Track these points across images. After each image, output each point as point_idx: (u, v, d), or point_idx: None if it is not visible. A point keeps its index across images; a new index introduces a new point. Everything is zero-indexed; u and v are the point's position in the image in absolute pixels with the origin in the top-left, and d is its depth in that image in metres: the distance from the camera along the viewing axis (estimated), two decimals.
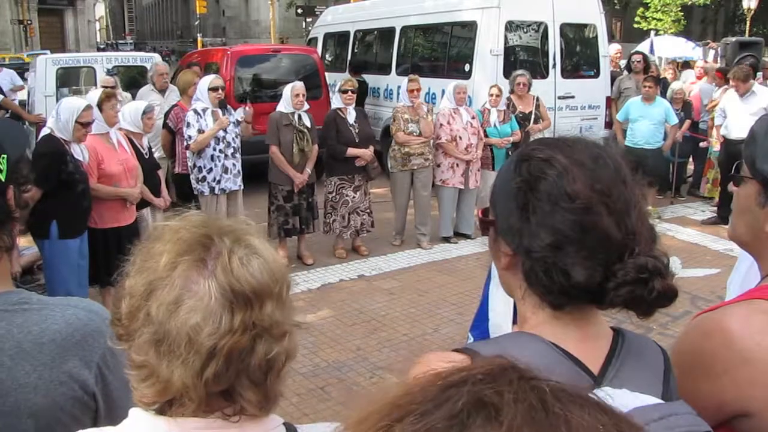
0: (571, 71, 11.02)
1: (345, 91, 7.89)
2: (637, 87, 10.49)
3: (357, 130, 7.90)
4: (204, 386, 1.07)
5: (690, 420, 1.08)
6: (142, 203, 6.19)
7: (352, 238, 8.23)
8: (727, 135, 9.19)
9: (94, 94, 5.94)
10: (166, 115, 8.20)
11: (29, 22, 48.25)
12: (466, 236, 8.82)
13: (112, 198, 5.75)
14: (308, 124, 7.58)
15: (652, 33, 16.82)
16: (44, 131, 5.46)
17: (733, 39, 14.99)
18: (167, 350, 1.07)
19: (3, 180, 1.45)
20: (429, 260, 8.12)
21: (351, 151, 7.80)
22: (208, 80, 7.35)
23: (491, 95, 8.75)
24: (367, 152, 7.91)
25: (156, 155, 7.09)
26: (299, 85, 7.61)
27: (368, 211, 8.20)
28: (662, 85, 10.63)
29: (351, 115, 7.94)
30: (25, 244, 6.67)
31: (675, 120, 9.65)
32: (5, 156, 1.47)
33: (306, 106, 7.65)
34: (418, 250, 8.43)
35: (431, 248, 8.48)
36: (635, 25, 37.53)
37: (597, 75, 11.14)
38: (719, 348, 1.34)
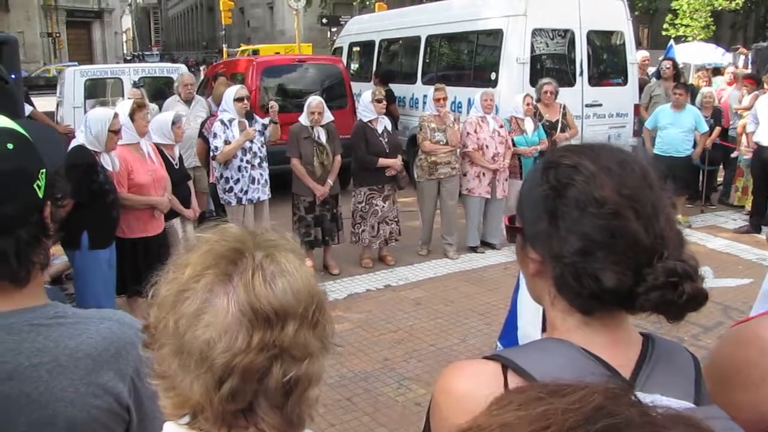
0: (598, 79, 10.98)
1: (380, 100, 7.94)
2: (666, 94, 10.41)
3: (386, 140, 7.95)
4: (219, 403, 1.06)
5: (725, 425, 1.08)
6: (171, 214, 6.25)
7: (380, 247, 8.25)
8: (760, 142, 9.10)
9: (125, 105, 6.02)
10: (203, 124, 8.32)
11: (58, 34, 49.00)
12: (493, 246, 8.80)
13: (142, 207, 5.81)
14: (324, 139, 7.62)
15: (672, 39, 16.69)
16: (74, 143, 5.53)
17: (764, 44, 14.84)
18: (185, 364, 1.07)
19: (41, 197, 1.44)
20: (456, 270, 8.11)
21: (382, 161, 7.84)
22: (233, 91, 7.43)
23: (527, 104, 8.72)
24: (397, 162, 7.95)
25: (185, 164, 7.16)
26: (315, 103, 7.60)
27: (396, 219, 8.23)
28: (691, 92, 10.54)
29: (381, 125, 8.00)
30: (54, 253, 6.76)
31: (705, 128, 9.56)
32: (44, 171, 1.46)
33: (326, 120, 7.68)
34: (444, 260, 8.43)
35: (458, 258, 8.47)
36: (663, 32, 37.22)
37: (625, 82, 11.09)
38: (756, 357, 1.33)
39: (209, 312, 1.07)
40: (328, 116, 7.74)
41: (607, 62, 11.52)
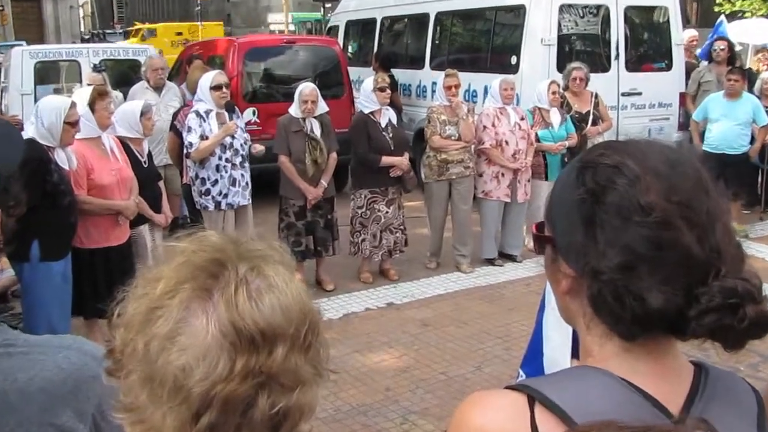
0: (637, 63, 10.99)
1: (383, 89, 7.96)
2: (718, 80, 10.40)
3: (391, 135, 7.96)
4: None
5: None
6: (139, 220, 6.25)
7: (383, 259, 8.27)
8: None
9: (84, 92, 6.03)
10: (175, 115, 8.29)
11: (1, 8, 48.92)
12: (513, 258, 8.82)
13: (104, 212, 5.82)
14: (318, 132, 7.64)
15: (723, 15, 16.64)
16: (23, 136, 5.52)
17: None
18: (156, 394, 1.06)
19: None
20: (469, 286, 8.12)
21: (386, 159, 7.85)
22: (210, 77, 7.42)
23: (553, 93, 8.74)
24: (403, 161, 7.97)
25: (155, 162, 7.15)
26: (308, 90, 7.63)
27: (402, 228, 8.24)
28: (748, 77, 10.49)
29: (385, 117, 8.02)
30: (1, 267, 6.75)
31: (765, 120, 9.53)
32: None
33: (321, 110, 7.71)
34: (456, 274, 8.44)
35: (472, 272, 8.48)
36: (716, 8, 37.09)
37: (669, 67, 11.11)
38: None
39: (185, 333, 1.06)
40: (323, 106, 7.76)
41: (648, 43, 11.53)
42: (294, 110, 7.67)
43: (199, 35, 28.70)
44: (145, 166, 6.50)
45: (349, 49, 15.31)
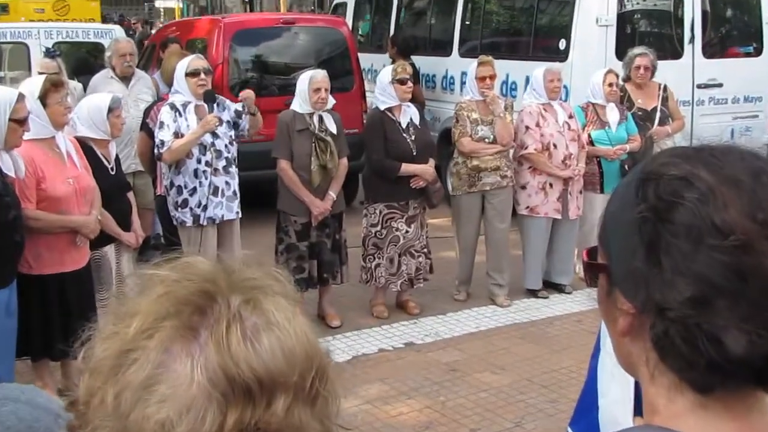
0: (718, 47, 10.96)
1: (403, 81, 7.94)
2: None
3: (413, 138, 7.96)
4: None
5: None
6: (103, 239, 6.25)
7: (401, 289, 8.25)
8: None
9: (34, 83, 6.04)
10: (147, 112, 8.27)
11: None
12: (561, 288, 8.81)
13: (58, 230, 5.81)
14: (333, 129, 7.65)
15: None
16: None
17: None
18: None
19: None
20: (507, 322, 8.11)
21: (406, 167, 7.84)
22: (185, 62, 7.41)
23: (609, 85, 8.71)
24: (428, 169, 7.97)
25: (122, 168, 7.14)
26: (320, 77, 7.63)
27: (425, 251, 8.23)
28: None
29: (406, 116, 8.02)
30: None
31: None
32: None
33: (330, 104, 7.72)
34: (491, 308, 8.43)
35: (510, 305, 8.47)
36: None
37: (758, 52, 11.07)
38: None
39: (165, 381, 1.06)
40: (330, 100, 7.75)
41: (732, 22, 11.49)
42: (298, 105, 7.65)
43: (69, 13, 27.96)
44: (113, 173, 6.51)
45: (360, 30, 15.35)
